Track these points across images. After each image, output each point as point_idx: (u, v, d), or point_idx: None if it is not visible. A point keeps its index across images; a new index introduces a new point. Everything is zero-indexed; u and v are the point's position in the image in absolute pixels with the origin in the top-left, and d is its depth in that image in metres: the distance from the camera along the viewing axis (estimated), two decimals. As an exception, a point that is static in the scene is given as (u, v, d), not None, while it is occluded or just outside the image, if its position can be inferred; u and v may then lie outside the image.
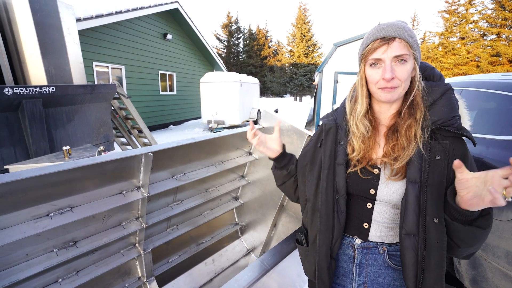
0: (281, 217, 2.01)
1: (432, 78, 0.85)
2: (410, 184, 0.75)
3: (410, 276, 0.76)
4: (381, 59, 0.76)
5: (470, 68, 19.18)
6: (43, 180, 1.02)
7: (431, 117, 0.78)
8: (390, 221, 0.81)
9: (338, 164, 0.86)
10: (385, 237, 0.82)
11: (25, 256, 1.14)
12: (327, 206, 0.85)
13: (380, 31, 0.76)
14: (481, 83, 2.06)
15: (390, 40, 0.75)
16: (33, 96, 2.87)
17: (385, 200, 0.80)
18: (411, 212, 0.74)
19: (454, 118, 0.76)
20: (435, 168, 0.74)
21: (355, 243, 0.86)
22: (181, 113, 12.30)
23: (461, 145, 0.77)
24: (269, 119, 1.84)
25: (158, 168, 1.48)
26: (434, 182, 0.74)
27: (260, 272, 0.94)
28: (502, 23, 18.63)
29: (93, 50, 7.51)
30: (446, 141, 0.76)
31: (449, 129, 0.75)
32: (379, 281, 0.84)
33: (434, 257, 0.74)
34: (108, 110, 4.23)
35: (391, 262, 0.83)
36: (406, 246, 0.76)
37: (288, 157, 1.06)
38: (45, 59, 3.31)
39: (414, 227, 0.75)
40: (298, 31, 31.01)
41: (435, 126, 0.77)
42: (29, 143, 2.93)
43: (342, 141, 0.88)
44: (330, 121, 0.93)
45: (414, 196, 0.74)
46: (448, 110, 0.77)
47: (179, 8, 10.91)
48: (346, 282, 0.89)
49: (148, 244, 1.62)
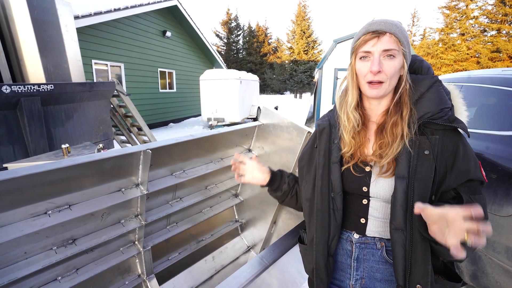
0: (281, 213, 2.01)
1: (420, 71, 0.85)
2: (398, 180, 0.76)
3: (399, 270, 0.76)
4: (370, 52, 0.77)
5: (470, 64, 19.12)
6: (40, 177, 1.02)
7: (418, 111, 0.78)
8: (385, 216, 0.81)
9: (333, 163, 0.86)
10: (382, 232, 0.82)
11: (23, 254, 1.14)
12: (323, 204, 0.86)
13: (372, 25, 0.77)
14: (481, 78, 2.04)
15: (381, 34, 0.75)
16: (31, 94, 2.85)
17: (377, 196, 0.81)
18: (399, 207, 0.75)
19: (444, 110, 0.76)
20: (423, 163, 0.74)
21: (353, 238, 0.86)
22: (181, 111, 12.27)
23: (453, 138, 0.75)
24: (269, 115, 1.83)
25: (157, 165, 1.47)
26: (422, 177, 0.73)
27: (259, 268, 0.93)
28: (502, 19, 18.53)
29: (92, 48, 7.47)
30: (436, 135, 0.75)
31: (438, 122, 0.75)
32: (377, 276, 0.84)
33: (420, 252, 0.74)
34: (108, 108, 4.22)
35: (388, 257, 0.82)
36: (395, 240, 0.76)
37: (278, 179, 1.07)
38: (43, 56, 3.29)
39: (402, 222, 0.75)
40: (298, 27, 30.88)
41: (423, 121, 0.77)
42: (27, 141, 2.93)
43: (336, 140, 0.89)
44: (324, 121, 0.94)
45: (402, 192, 0.75)
46: (436, 102, 0.77)
47: (178, 5, 10.84)
48: (344, 277, 0.89)
49: (147, 242, 1.61)
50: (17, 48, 3.16)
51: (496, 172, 1.53)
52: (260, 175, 1.06)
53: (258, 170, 1.06)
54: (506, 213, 1.44)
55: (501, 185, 1.48)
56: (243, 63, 34.51)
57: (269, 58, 35.49)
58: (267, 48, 35.76)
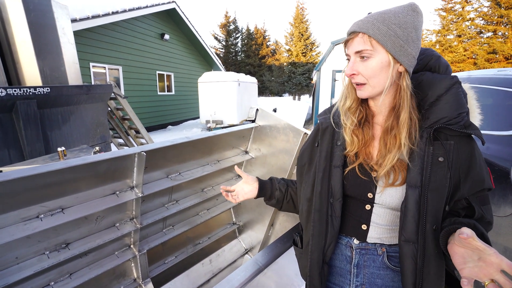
0: (278, 216, 2.00)
1: (437, 69, 0.77)
2: (410, 188, 0.70)
3: (408, 283, 0.72)
4: (349, 55, 0.75)
5: (467, 65, 19.24)
6: (32, 180, 1.00)
7: (434, 115, 0.71)
8: (390, 223, 0.77)
9: (335, 166, 0.81)
10: (385, 239, 0.79)
11: (15, 259, 1.12)
12: (320, 210, 0.82)
13: (352, 26, 0.74)
14: (478, 79, 2.05)
15: (354, 35, 0.72)
16: (27, 97, 2.84)
17: (384, 204, 0.76)
18: (411, 219, 0.70)
19: (461, 115, 0.69)
20: (437, 171, 0.69)
21: (353, 244, 0.82)
22: (179, 113, 12.26)
23: (468, 145, 0.70)
24: (265, 117, 1.82)
25: (152, 167, 1.46)
26: (437, 186, 0.68)
27: (253, 271, 0.92)
28: (498, 21, 18.68)
29: (90, 51, 7.46)
30: (451, 141, 0.70)
31: (453, 128, 0.68)
32: (378, 283, 0.81)
33: (434, 267, 0.70)
34: (105, 110, 4.20)
35: (390, 264, 0.79)
36: (405, 253, 0.72)
37: (269, 186, 1.06)
38: (40, 59, 3.27)
39: (413, 235, 0.70)
40: (296, 30, 30.99)
41: (439, 125, 0.70)
42: (23, 145, 2.90)
43: (339, 142, 0.82)
44: (326, 119, 0.88)
45: (414, 202, 0.70)
46: (454, 106, 0.70)
47: (176, 8, 10.86)
48: (344, 283, 0.86)
49: (143, 245, 1.59)
50: (13, 51, 3.14)
51: (493, 172, 1.52)
52: (249, 187, 1.06)
53: (246, 184, 1.06)
54: (504, 213, 1.43)
55: (499, 185, 1.47)
56: (242, 65, 34.57)
57: (267, 61, 35.58)
58: (266, 50, 35.85)
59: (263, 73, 33.88)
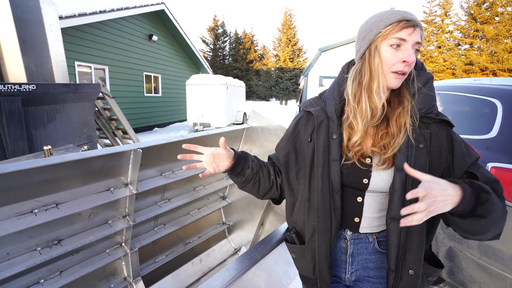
0: (268, 216, 2.04)
1: (415, 66, 0.85)
2: (397, 171, 0.77)
3: (392, 256, 0.80)
4: (405, 40, 0.72)
5: (447, 75, 20.15)
6: (28, 175, 1.00)
7: (416, 105, 0.79)
8: (379, 211, 0.84)
9: (333, 160, 0.82)
10: (374, 227, 0.86)
11: (5, 255, 1.10)
12: (324, 205, 0.83)
13: (407, 13, 0.72)
14: (456, 87, 2.20)
15: (415, 25, 0.72)
16: (11, 93, 2.75)
17: (376, 189, 0.81)
18: (397, 199, 0.76)
19: (435, 106, 0.80)
20: (419, 156, 0.77)
21: (347, 235, 0.88)
22: (166, 115, 12.11)
23: (447, 130, 0.79)
24: (257, 118, 1.87)
25: (147, 165, 1.47)
26: (419, 170, 0.72)
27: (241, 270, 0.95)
28: (474, 34, 19.75)
29: (75, 50, 7.28)
30: (428, 130, 0.78)
31: (431, 116, 0.78)
32: (370, 266, 0.89)
33: (416, 240, 0.78)
34: (92, 110, 4.12)
35: (379, 248, 0.87)
36: (390, 229, 0.79)
37: (242, 162, 0.93)
38: (25, 56, 3.19)
39: (398, 213, 0.74)
40: (284, 36, 31.45)
41: (420, 115, 0.79)
42: (6, 143, 2.81)
43: (334, 135, 0.83)
44: (319, 112, 0.86)
45: (400, 184, 0.76)
46: (431, 98, 0.80)
47: (165, 10, 10.79)
48: (340, 272, 0.92)
49: (135, 243, 1.59)
50: (-3, 47, 3.05)
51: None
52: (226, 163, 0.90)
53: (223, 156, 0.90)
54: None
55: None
56: (229, 69, 34.62)
57: (255, 65, 35.81)
58: (253, 55, 36.10)
59: (250, 77, 34.06)
